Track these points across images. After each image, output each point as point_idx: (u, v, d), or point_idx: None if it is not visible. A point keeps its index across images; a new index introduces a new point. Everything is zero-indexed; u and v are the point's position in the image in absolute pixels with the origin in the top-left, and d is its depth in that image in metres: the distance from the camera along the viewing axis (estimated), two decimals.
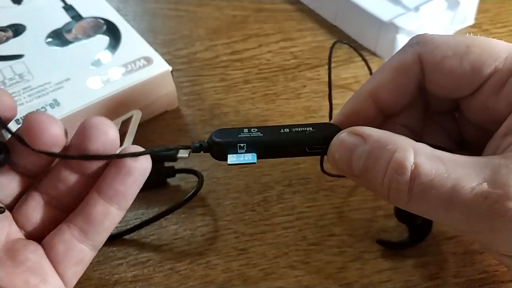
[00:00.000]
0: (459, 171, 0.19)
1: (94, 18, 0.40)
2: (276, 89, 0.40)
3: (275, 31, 0.45)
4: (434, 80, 0.24)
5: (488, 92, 0.23)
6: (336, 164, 0.22)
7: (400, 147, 0.20)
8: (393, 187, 0.20)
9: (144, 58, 0.36)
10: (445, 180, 0.19)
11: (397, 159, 0.20)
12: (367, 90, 0.25)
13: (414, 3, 0.42)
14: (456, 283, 0.28)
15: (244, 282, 0.28)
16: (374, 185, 0.21)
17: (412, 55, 0.24)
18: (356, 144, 0.21)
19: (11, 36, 0.38)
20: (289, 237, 0.30)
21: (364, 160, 0.21)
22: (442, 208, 0.20)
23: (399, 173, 0.20)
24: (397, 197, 0.21)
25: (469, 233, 0.21)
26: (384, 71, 0.25)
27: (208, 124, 0.37)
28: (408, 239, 0.29)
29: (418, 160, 0.20)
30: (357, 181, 0.22)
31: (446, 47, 0.23)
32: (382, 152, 0.21)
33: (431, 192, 0.19)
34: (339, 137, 0.22)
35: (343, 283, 0.28)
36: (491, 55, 0.22)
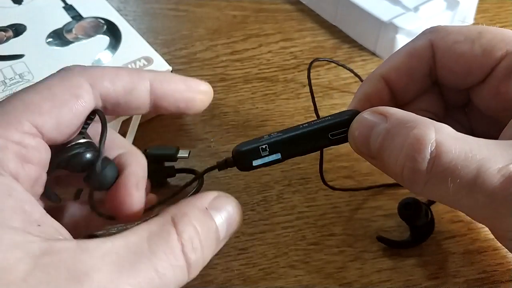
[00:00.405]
0: (484, 152, 0.18)
1: (94, 18, 0.40)
2: (276, 89, 0.40)
3: (275, 31, 0.45)
4: (445, 64, 0.24)
5: (500, 76, 0.23)
6: (355, 144, 0.22)
7: (420, 124, 0.19)
8: (408, 166, 0.19)
9: (144, 58, 0.36)
10: (469, 161, 0.18)
11: (415, 136, 0.19)
12: (379, 73, 0.25)
13: (414, 3, 0.42)
14: (456, 282, 0.28)
15: (244, 282, 0.28)
16: (389, 165, 0.20)
17: (424, 41, 0.24)
18: (377, 122, 0.21)
19: (12, 36, 0.38)
20: (289, 237, 0.30)
21: (382, 138, 0.20)
22: (464, 191, 0.19)
23: (416, 151, 0.19)
24: (413, 178, 0.19)
25: (489, 219, 0.20)
26: (396, 55, 0.25)
27: (208, 124, 0.37)
28: (409, 239, 0.29)
29: (440, 138, 0.19)
30: (374, 163, 0.22)
31: (458, 33, 0.23)
32: (400, 129, 0.20)
33: (454, 174, 0.18)
34: (361, 115, 0.22)
35: (343, 283, 0.28)
36: (502, 39, 0.22)
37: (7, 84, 0.35)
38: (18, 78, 0.35)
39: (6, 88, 0.34)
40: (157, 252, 0.18)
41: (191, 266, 0.19)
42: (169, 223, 0.19)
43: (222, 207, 0.21)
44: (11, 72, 0.35)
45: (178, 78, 0.23)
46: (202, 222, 0.20)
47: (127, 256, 0.17)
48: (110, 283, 0.16)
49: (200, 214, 0.20)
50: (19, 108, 0.19)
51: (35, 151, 0.19)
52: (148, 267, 0.17)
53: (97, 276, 0.16)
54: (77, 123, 0.21)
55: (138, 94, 0.22)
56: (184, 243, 0.18)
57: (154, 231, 0.18)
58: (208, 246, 0.20)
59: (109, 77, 0.21)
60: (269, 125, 0.37)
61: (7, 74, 0.35)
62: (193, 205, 0.20)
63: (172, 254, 0.18)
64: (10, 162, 0.18)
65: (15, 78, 0.35)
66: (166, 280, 0.18)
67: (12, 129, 0.18)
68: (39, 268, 0.16)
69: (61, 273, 0.16)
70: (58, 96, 0.20)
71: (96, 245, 0.17)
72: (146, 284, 0.17)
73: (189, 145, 0.36)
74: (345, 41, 0.44)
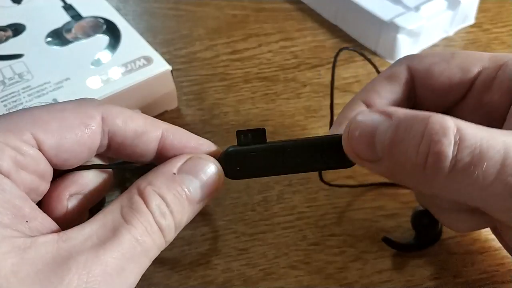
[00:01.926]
0: (505, 137, 0.18)
1: (93, 17, 0.40)
2: (276, 89, 0.40)
3: (275, 31, 0.45)
4: (425, 85, 0.25)
5: (480, 89, 0.24)
6: (354, 147, 0.20)
7: (434, 115, 0.18)
8: (433, 153, 0.18)
9: (144, 57, 0.36)
10: (495, 142, 0.18)
11: (436, 120, 0.18)
12: (359, 98, 0.25)
13: (415, 2, 0.42)
14: (456, 283, 0.28)
15: (244, 282, 0.28)
16: (404, 160, 0.19)
17: (401, 66, 0.25)
18: (380, 120, 0.20)
19: (11, 35, 0.38)
20: (289, 237, 0.30)
21: (392, 133, 0.19)
22: (492, 176, 0.18)
23: (441, 135, 0.18)
24: (437, 168, 0.18)
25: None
26: (376, 80, 0.26)
27: (208, 123, 0.37)
28: (414, 242, 0.29)
29: (460, 124, 0.18)
30: (376, 168, 0.20)
31: (432, 56, 0.25)
32: (413, 122, 0.19)
33: (481, 156, 0.18)
34: (358, 115, 0.20)
35: (344, 283, 0.28)
36: (475, 57, 0.24)
37: (6, 84, 0.34)
38: (17, 77, 0.35)
39: (6, 87, 0.34)
40: (133, 221, 0.19)
41: (164, 231, 0.20)
42: (136, 195, 0.20)
43: (194, 169, 0.21)
44: (10, 72, 0.35)
45: (191, 135, 0.23)
46: (168, 188, 0.20)
47: (106, 234, 0.18)
48: (95, 260, 0.17)
49: (165, 180, 0.20)
50: (25, 119, 0.20)
51: (32, 160, 0.19)
52: (128, 237, 0.18)
53: (81, 258, 0.17)
54: (77, 152, 0.21)
55: (147, 139, 0.22)
56: (152, 211, 0.19)
57: (124, 204, 0.19)
58: (178, 210, 0.20)
59: (123, 117, 0.21)
60: (269, 125, 0.37)
61: (6, 74, 0.35)
62: (160, 173, 0.21)
63: (146, 221, 0.19)
64: (3, 162, 0.18)
65: (14, 77, 0.35)
66: (146, 246, 0.19)
67: (11, 135, 0.19)
68: (25, 261, 0.17)
69: (47, 263, 0.17)
70: (67, 120, 0.20)
71: (76, 232, 0.18)
72: (129, 253, 0.18)
73: None
74: (345, 40, 0.44)
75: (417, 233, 0.29)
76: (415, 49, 0.42)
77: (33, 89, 0.34)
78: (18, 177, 0.19)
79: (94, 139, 0.21)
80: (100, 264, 0.17)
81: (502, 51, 0.42)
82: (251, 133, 0.22)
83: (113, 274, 0.17)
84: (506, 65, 0.23)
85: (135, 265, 0.18)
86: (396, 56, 0.41)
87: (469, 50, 0.43)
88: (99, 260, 0.17)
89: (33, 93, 0.34)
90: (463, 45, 0.43)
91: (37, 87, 0.34)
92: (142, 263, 0.19)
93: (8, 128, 0.19)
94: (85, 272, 0.17)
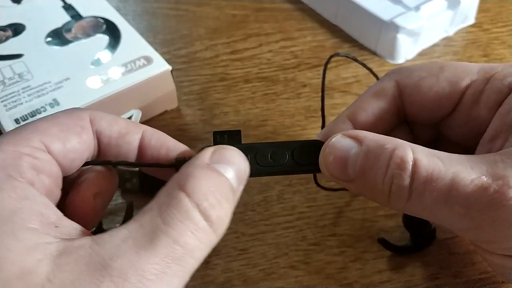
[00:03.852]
0: (456, 166, 0.20)
1: (93, 17, 0.40)
2: (276, 89, 0.40)
3: (275, 31, 0.45)
4: (414, 101, 0.25)
5: (469, 103, 0.24)
6: (330, 169, 0.22)
7: (398, 145, 0.20)
8: (395, 183, 0.20)
9: (144, 57, 0.36)
10: (444, 173, 0.19)
11: (398, 155, 0.20)
12: (346, 114, 0.25)
13: (415, 2, 0.41)
14: (456, 283, 0.28)
15: (244, 282, 0.28)
16: (374, 184, 0.21)
17: (389, 81, 0.25)
18: (351, 145, 0.21)
19: (11, 35, 0.38)
20: (289, 237, 0.30)
21: (362, 160, 0.21)
22: (442, 203, 0.20)
23: (401, 168, 0.20)
24: (398, 195, 0.20)
25: (470, 230, 0.21)
26: (363, 97, 0.26)
27: (208, 123, 0.37)
28: (410, 244, 0.29)
29: (416, 156, 0.20)
30: (350, 187, 0.22)
31: (421, 70, 0.25)
32: (381, 150, 0.21)
33: (431, 186, 0.19)
34: (332, 140, 0.22)
35: (344, 283, 0.28)
36: (464, 70, 0.24)
37: (6, 84, 0.34)
38: (17, 77, 0.35)
39: (5, 87, 0.34)
40: (171, 223, 0.17)
41: (214, 223, 0.18)
42: (176, 189, 0.18)
43: (224, 158, 0.20)
44: (10, 72, 0.35)
45: (168, 137, 0.23)
46: (210, 177, 0.19)
47: (143, 237, 0.17)
48: (131, 267, 0.16)
49: (205, 170, 0.19)
50: (29, 129, 0.20)
51: (47, 164, 0.20)
52: (166, 241, 0.17)
53: (117, 264, 0.16)
54: (81, 151, 0.21)
55: (130, 140, 0.22)
56: (198, 202, 0.18)
57: (163, 202, 0.18)
58: (225, 198, 0.19)
59: (107, 120, 0.22)
60: (269, 125, 0.37)
61: (6, 74, 0.35)
62: (195, 165, 0.19)
63: (188, 219, 0.17)
64: (25, 169, 0.19)
65: (14, 77, 0.35)
66: (190, 247, 0.17)
67: (22, 144, 0.19)
68: (60, 268, 0.16)
69: (82, 270, 0.16)
70: (65, 124, 0.21)
71: (111, 236, 0.17)
72: (169, 258, 0.17)
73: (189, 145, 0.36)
74: (345, 40, 0.44)
75: (410, 233, 0.29)
76: (415, 49, 0.42)
77: (33, 89, 0.34)
78: (40, 183, 0.19)
79: (91, 138, 0.22)
80: (136, 270, 0.16)
81: (502, 51, 0.42)
82: (227, 134, 0.23)
83: (153, 279, 0.16)
84: (493, 79, 0.23)
85: (178, 267, 0.17)
86: (396, 55, 0.41)
87: (469, 50, 0.43)
88: (135, 267, 0.16)
89: (33, 93, 0.34)
90: (463, 45, 0.43)
91: (37, 87, 0.34)
92: (187, 265, 0.18)
93: (17, 138, 0.19)
94: (121, 280, 0.16)
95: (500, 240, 0.21)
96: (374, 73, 0.39)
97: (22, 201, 0.18)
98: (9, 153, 0.19)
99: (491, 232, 0.20)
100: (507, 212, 0.19)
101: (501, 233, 0.20)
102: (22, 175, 0.19)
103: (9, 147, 0.19)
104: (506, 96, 0.23)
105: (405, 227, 0.29)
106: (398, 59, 0.42)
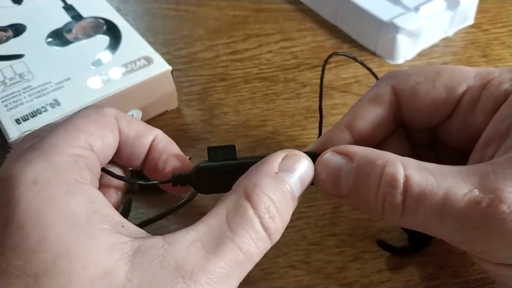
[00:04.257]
0: (448, 180, 0.19)
1: (94, 18, 0.40)
2: (276, 89, 0.40)
3: (275, 31, 0.45)
4: (411, 106, 0.25)
5: (465, 109, 0.24)
6: (323, 186, 0.22)
7: (389, 161, 0.20)
8: (387, 201, 0.20)
9: (144, 58, 0.36)
10: (436, 189, 0.19)
11: (388, 172, 0.20)
12: (343, 122, 0.25)
13: (414, 3, 0.42)
14: (456, 283, 0.28)
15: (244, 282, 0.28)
16: (367, 201, 0.21)
17: (385, 87, 0.25)
18: (342, 163, 0.21)
19: (12, 36, 0.38)
20: (289, 237, 0.30)
21: (354, 177, 0.21)
22: (436, 218, 0.20)
23: (392, 186, 0.20)
24: (392, 212, 0.20)
25: (464, 242, 0.21)
26: (360, 103, 0.26)
27: (208, 123, 0.37)
28: (407, 245, 0.29)
29: (407, 172, 0.20)
30: (345, 202, 0.22)
31: (417, 75, 0.25)
32: (371, 167, 0.21)
33: (424, 203, 0.19)
34: (324, 157, 0.22)
35: (343, 283, 0.28)
36: (461, 75, 0.24)
37: (7, 84, 0.34)
38: (18, 78, 0.35)
39: (6, 88, 0.34)
40: (237, 231, 0.19)
41: (272, 234, 0.20)
42: (243, 198, 0.19)
43: (293, 167, 0.21)
44: (11, 72, 0.35)
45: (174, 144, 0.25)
46: (275, 189, 0.20)
47: (211, 242, 0.18)
48: (201, 270, 0.18)
49: (271, 181, 0.20)
50: (71, 129, 0.21)
51: (94, 162, 0.21)
52: (231, 247, 0.18)
53: (188, 266, 0.17)
54: (113, 147, 0.22)
55: (143, 141, 0.23)
56: (261, 215, 0.19)
57: (231, 209, 0.19)
58: (285, 209, 0.20)
59: (127, 120, 0.23)
60: (269, 125, 0.37)
61: (7, 74, 0.35)
62: (263, 173, 0.20)
63: (252, 229, 0.19)
64: (84, 171, 0.20)
65: (15, 78, 0.35)
66: (250, 254, 0.19)
67: (73, 144, 0.20)
68: (136, 268, 0.17)
69: (157, 270, 0.17)
70: (99, 122, 0.22)
71: (181, 237, 0.18)
72: (233, 263, 0.18)
73: (189, 145, 0.36)
74: (345, 41, 0.44)
75: (408, 234, 0.29)
76: (414, 49, 0.42)
77: (33, 89, 0.34)
78: (95, 183, 0.20)
79: (118, 135, 0.23)
80: (205, 273, 0.18)
81: (501, 51, 0.42)
82: (221, 149, 0.23)
83: (218, 282, 0.18)
84: (490, 85, 0.23)
85: (239, 271, 0.19)
86: (396, 56, 0.42)
87: (468, 50, 0.43)
88: (204, 270, 0.18)
89: (33, 93, 0.34)
90: (463, 45, 0.43)
91: (38, 87, 0.34)
92: (245, 268, 0.19)
93: (66, 138, 0.20)
94: (192, 281, 0.17)
95: (495, 251, 0.21)
96: (374, 73, 0.39)
97: (92, 204, 0.18)
98: (68, 155, 0.19)
99: (485, 244, 0.20)
100: (500, 226, 0.19)
101: (495, 245, 0.20)
102: (85, 177, 0.19)
103: (66, 149, 0.20)
104: (502, 102, 0.23)
105: (403, 228, 0.29)
106: (398, 60, 0.42)
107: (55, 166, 0.19)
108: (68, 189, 0.18)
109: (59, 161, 0.19)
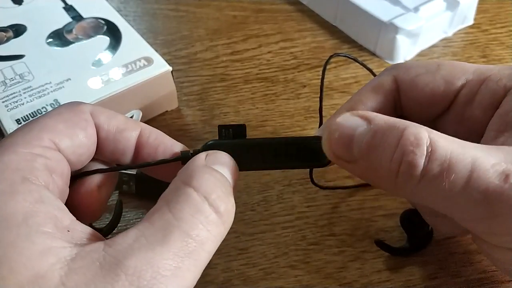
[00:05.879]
0: (474, 150, 0.19)
1: (94, 18, 0.40)
2: (276, 89, 0.40)
3: (275, 32, 0.45)
4: (410, 97, 0.25)
5: (463, 103, 0.24)
6: (333, 147, 0.21)
7: (411, 125, 0.19)
8: (406, 162, 0.19)
9: (145, 58, 0.36)
10: (464, 156, 0.18)
11: (411, 132, 0.19)
12: (345, 108, 0.25)
13: (414, 3, 0.42)
14: (456, 282, 0.28)
15: (244, 282, 0.28)
16: (379, 164, 0.20)
17: (388, 76, 0.25)
18: (359, 124, 0.21)
19: (12, 36, 0.39)
20: (289, 237, 0.30)
21: (369, 138, 0.20)
22: (458, 187, 0.18)
23: (415, 146, 0.19)
24: (408, 175, 0.19)
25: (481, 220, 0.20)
26: (362, 91, 0.26)
27: (208, 124, 0.37)
28: (407, 246, 0.29)
29: (433, 136, 0.19)
30: (352, 167, 0.21)
31: (418, 67, 0.25)
32: (391, 130, 0.20)
33: (449, 168, 0.18)
34: (340, 117, 0.21)
35: (343, 283, 0.28)
36: (461, 70, 0.24)
37: (7, 85, 0.35)
38: (18, 78, 0.35)
39: (7, 88, 0.34)
40: (183, 217, 0.18)
41: (223, 215, 0.19)
42: (183, 185, 0.19)
43: (218, 160, 0.21)
44: (11, 73, 0.35)
45: (165, 135, 0.24)
46: (212, 173, 0.20)
47: (156, 234, 0.17)
48: (146, 264, 0.16)
49: (205, 168, 0.20)
50: (36, 128, 0.20)
51: (58, 164, 0.20)
52: (179, 234, 0.17)
53: (131, 262, 0.16)
54: (87, 145, 0.21)
55: (128, 136, 0.23)
56: (207, 195, 0.18)
57: (171, 199, 0.18)
58: (229, 192, 0.20)
59: (106, 114, 0.22)
60: (269, 125, 0.37)
61: (7, 75, 0.35)
62: (194, 166, 0.20)
63: (198, 212, 0.18)
64: (40, 171, 0.19)
65: (15, 78, 0.35)
66: (201, 239, 0.18)
67: (33, 144, 0.19)
68: (73, 272, 0.16)
69: (96, 271, 0.16)
70: (70, 120, 0.21)
71: (122, 236, 0.17)
72: (182, 252, 0.17)
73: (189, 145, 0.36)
74: (345, 41, 0.44)
75: (408, 234, 0.29)
76: (414, 49, 0.42)
77: (34, 90, 0.34)
78: (53, 184, 0.19)
79: (95, 132, 0.22)
80: (152, 267, 0.16)
81: (500, 52, 0.43)
82: (232, 128, 0.23)
83: (167, 275, 0.17)
84: (489, 80, 0.23)
85: (191, 261, 0.17)
86: (395, 56, 0.42)
87: (468, 50, 0.43)
88: (149, 264, 0.16)
89: (34, 93, 0.34)
90: (462, 45, 0.44)
91: (38, 88, 0.34)
92: (199, 258, 0.18)
93: (27, 138, 0.19)
94: (136, 277, 0.16)
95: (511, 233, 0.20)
96: (374, 74, 0.39)
97: (37, 205, 0.18)
98: (22, 155, 0.19)
99: (505, 222, 0.19)
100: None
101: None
102: (37, 177, 0.19)
103: (22, 148, 0.19)
104: (500, 97, 0.23)
105: (403, 227, 0.29)
106: (398, 60, 0.42)
107: (3, 166, 0.18)
108: (10, 189, 0.17)
109: (9, 160, 0.18)
